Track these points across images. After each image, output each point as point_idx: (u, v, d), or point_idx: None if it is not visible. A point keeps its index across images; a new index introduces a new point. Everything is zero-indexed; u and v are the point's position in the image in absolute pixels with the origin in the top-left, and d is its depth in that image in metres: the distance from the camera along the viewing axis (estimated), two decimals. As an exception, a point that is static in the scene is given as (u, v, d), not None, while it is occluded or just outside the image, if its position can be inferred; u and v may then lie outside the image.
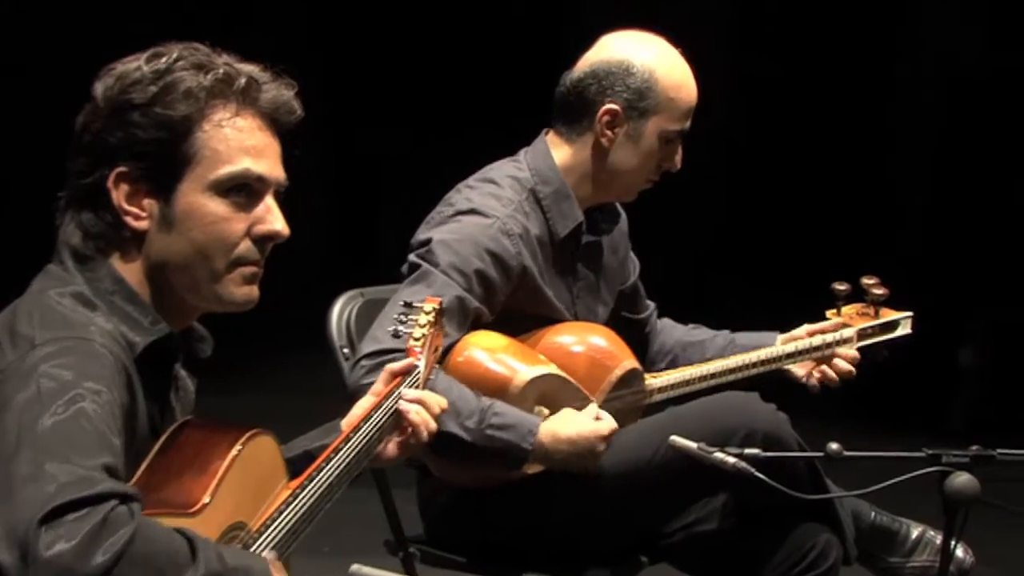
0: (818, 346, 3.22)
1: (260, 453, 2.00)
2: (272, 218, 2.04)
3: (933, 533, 3.13)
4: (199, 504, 1.85)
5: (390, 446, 2.36)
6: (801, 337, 3.23)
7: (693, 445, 2.49)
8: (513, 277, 2.95)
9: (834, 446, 2.44)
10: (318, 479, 2.09)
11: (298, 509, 2.03)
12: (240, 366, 5.98)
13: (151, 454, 1.93)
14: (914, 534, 3.15)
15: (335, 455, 2.15)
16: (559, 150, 3.07)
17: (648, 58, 3.02)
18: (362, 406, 2.34)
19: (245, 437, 1.96)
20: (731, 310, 7.12)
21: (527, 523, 2.92)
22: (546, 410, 2.90)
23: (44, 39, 6.98)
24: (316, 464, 2.11)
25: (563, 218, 3.05)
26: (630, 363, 3.06)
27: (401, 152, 8.27)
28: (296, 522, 2.02)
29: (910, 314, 3.35)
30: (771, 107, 7.85)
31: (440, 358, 2.74)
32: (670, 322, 3.44)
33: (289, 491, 2.04)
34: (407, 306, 2.56)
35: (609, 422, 2.87)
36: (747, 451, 2.44)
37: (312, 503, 2.06)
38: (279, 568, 1.91)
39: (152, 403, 2.00)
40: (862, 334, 3.28)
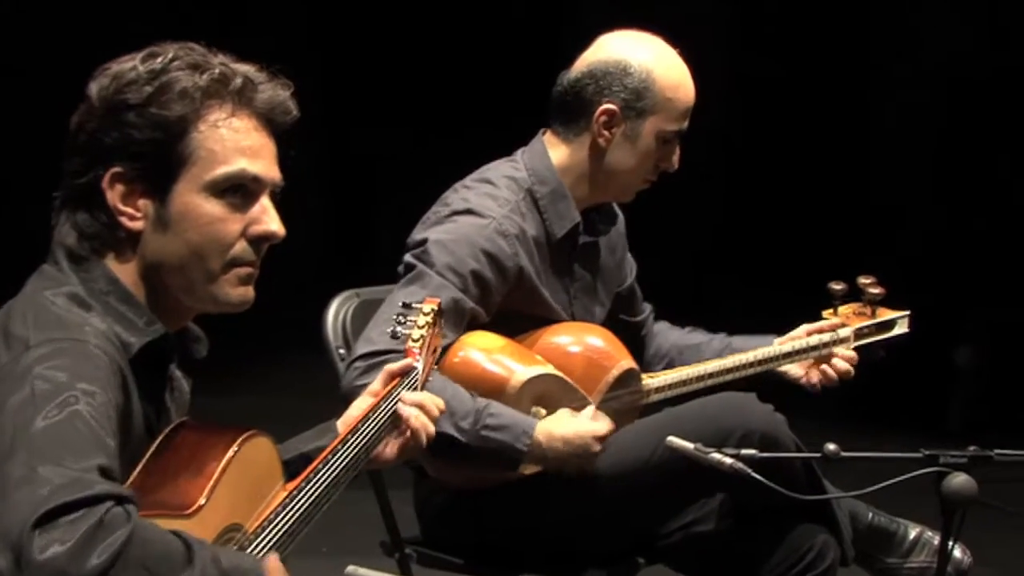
0: (815, 346, 3.22)
1: (257, 454, 1.99)
2: (268, 219, 2.03)
3: (931, 534, 3.12)
4: (195, 506, 1.84)
5: (388, 448, 2.35)
6: (800, 337, 3.23)
7: (690, 446, 2.49)
8: (509, 278, 2.94)
9: (831, 446, 2.44)
10: (315, 481, 2.08)
11: (295, 511, 2.02)
12: (235, 367, 5.97)
13: (147, 455, 1.92)
14: (912, 535, 3.14)
15: (333, 457, 2.14)
16: (556, 150, 3.07)
17: (646, 58, 3.01)
18: (359, 407, 2.33)
19: (242, 438, 1.95)
20: (728, 310, 7.14)
21: (524, 524, 2.91)
22: (543, 410, 2.90)
23: (40, 39, 6.97)
24: (313, 466, 2.10)
25: (560, 218, 3.04)
26: (627, 363, 3.05)
27: (397, 152, 8.26)
28: (293, 524, 2.01)
29: (907, 313, 3.34)
30: (769, 107, 7.84)
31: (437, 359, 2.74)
32: (666, 325, 3.43)
33: (286, 493, 2.03)
34: (405, 307, 2.55)
35: (605, 423, 2.87)
36: (744, 452, 2.43)
37: (309, 505, 2.05)
38: (280, 570, 1.90)
39: (147, 404, 1.99)
40: (859, 334, 3.27)
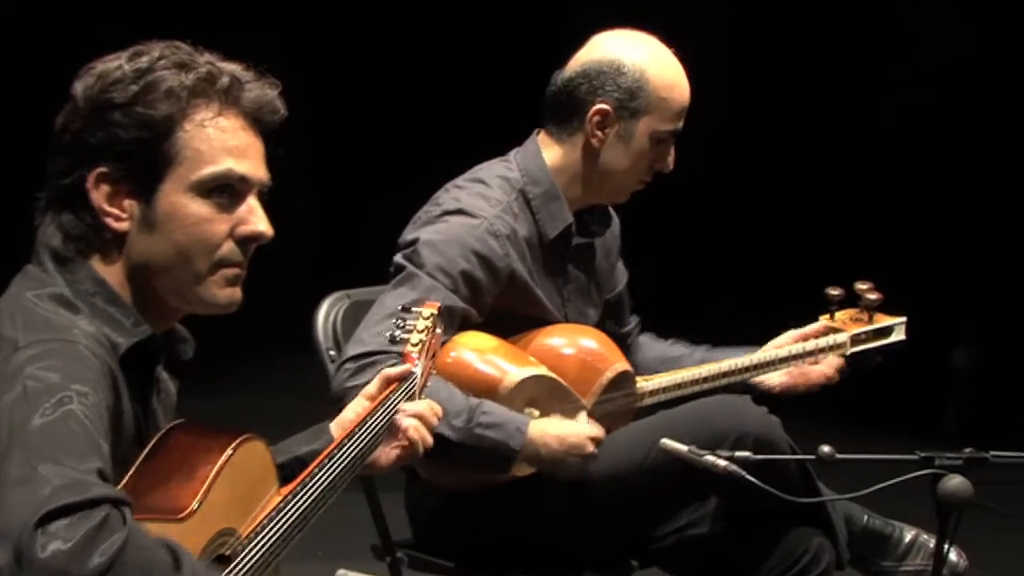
0: (811, 351, 3.19)
1: (251, 459, 1.98)
2: (255, 219, 2.01)
3: (926, 536, 3.12)
4: (187, 510, 1.83)
5: (384, 455, 2.32)
6: (785, 344, 3.19)
7: (684, 448, 2.48)
8: (501, 278, 2.93)
9: (826, 449, 2.43)
10: (310, 486, 2.06)
11: (289, 516, 2.00)
12: (225, 368, 5.96)
13: (139, 458, 1.91)
14: (907, 538, 3.14)
15: (328, 462, 2.12)
16: (550, 150, 3.05)
17: (639, 57, 3.00)
18: (354, 410, 2.31)
19: (236, 443, 1.94)
20: (724, 311, 7.14)
21: (516, 527, 2.90)
22: (536, 412, 2.88)
23: (34, 38, 6.96)
24: (308, 470, 2.08)
25: (552, 219, 3.02)
26: (621, 365, 3.03)
27: (387, 151, 8.26)
28: (287, 529, 1.99)
29: (904, 319, 3.30)
30: (768, 107, 7.83)
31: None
32: (651, 337, 3.40)
33: (280, 498, 2.01)
34: (404, 311, 2.53)
35: (599, 428, 2.85)
36: (738, 454, 2.42)
37: (303, 510, 2.03)
38: None
39: (136, 405, 1.97)
40: (855, 339, 3.23)
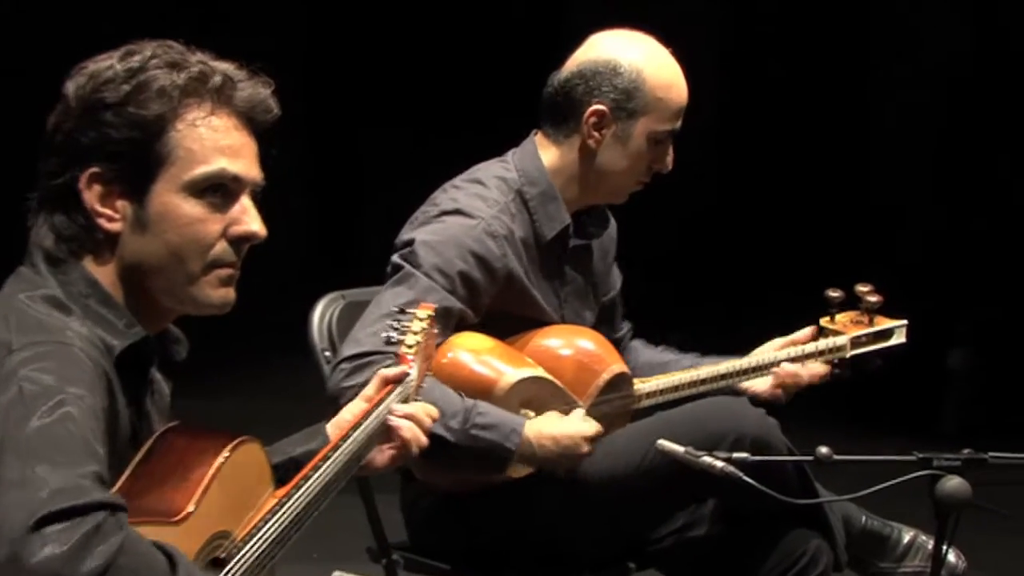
0: (811, 353, 3.17)
1: (246, 461, 1.97)
2: (248, 219, 2.01)
3: (925, 538, 3.11)
4: (183, 513, 1.83)
5: (379, 456, 2.32)
6: (770, 352, 3.17)
7: (681, 449, 2.48)
8: (498, 279, 2.92)
9: (824, 450, 2.43)
10: (306, 487, 2.05)
11: (285, 518, 1.99)
12: (219, 369, 5.94)
13: (135, 461, 1.90)
14: (905, 539, 3.13)
15: (324, 463, 2.11)
16: (547, 151, 3.04)
17: (636, 57, 2.98)
18: (351, 411, 2.30)
19: (232, 445, 1.93)
20: (723, 312, 7.14)
21: (513, 528, 2.89)
22: (531, 413, 2.87)
23: (32, 38, 6.95)
24: (304, 472, 2.08)
25: (549, 220, 3.01)
26: (618, 367, 3.02)
27: (381, 151, 8.25)
28: (282, 531, 1.98)
29: (904, 322, 3.27)
30: (766, 107, 7.82)
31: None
32: (641, 343, 3.38)
33: (276, 500, 2.00)
34: (400, 312, 2.52)
35: (595, 424, 2.84)
36: (735, 455, 2.42)
37: (299, 512, 2.02)
38: None
39: (130, 407, 1.96)
40: (856, 342, 3.22)
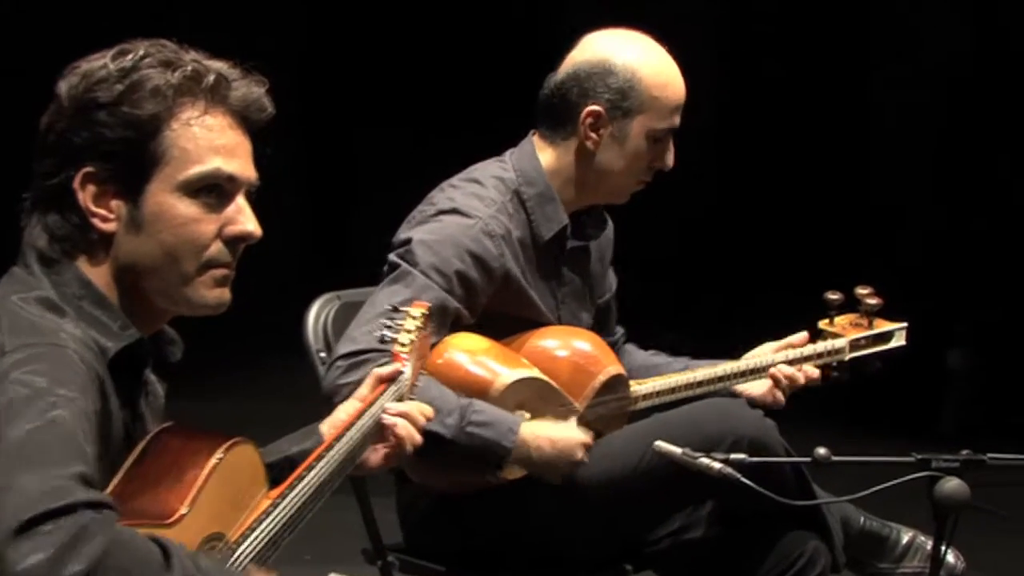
0: (809, 355, 3.16)
1: (240, 462, 1.96)
2: (243, 219, 2.00)
3: (923, 538, 3.11)
4: (176, 515, 1.81)
5: (374, 455, 2.31)
6: (765, 355, 3.16)
7: (678, 450, 2.48)
8: (495, 279, 2.91)
9: (822, 451, 2.42)
10: (300, 488, 2.04)
11: (279, 519, 1.98)
12: (214, 370, 5.94)
13: (128, 463, 1.89)
14: (904, 539, 3.13)
15: (318, 463, 2.10)
16: (545, 152, 3.03)
17: (629, 56, 2.97)
18: (346, 410, 2.30)
19: (225, 446, 1.92)
20: (722, 313, 7.13)
21: (509, 530, 2.88)
22: (527, 414, 2.86)
23: (31, 38, 6.94)
24: (297, 472, 2.06)
25: (547, 220, 3.01)
26: (614, 369, 3.01)
27: (376, 151, 8.24)
28: (276, 532, 1.97)
29: (904, 325, 3.26)
30: (766, 107, 7.81)
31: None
32: (632, 347, 3.38)
33: (269, 500, 1.99)
34: (394, 310, 2.51)
35: (588, 433, 2.84)
36: (733, 457, 2.41)
37: (293, 513, 2.01)
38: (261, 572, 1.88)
39: (124, 409, 1.95)
40: (855, 345, 3.21)
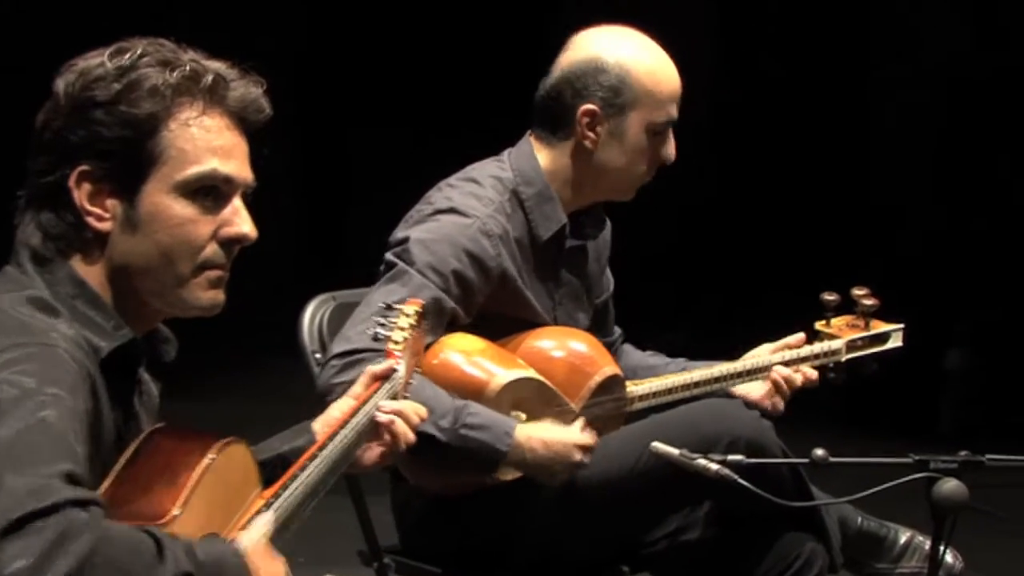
0: (806, 356, 3.16)
1: (233, 462, 1.95)
2: (240, 220, 1.99)
3: (921, 538, 3.11)
4: (168, 515, 1.80)
5: (368, 453, 2.31)
6: (763, 356, 3.15)
7: (675, 451, 2.48)
8: (492, 279, 2.90)
9: (819, 452, 2.42)
10: (293, 487, 2.02)
11: (273, 519, 1.96)
12: (210, 371, 5.92)
13: (120, 463, 1.88)
14: (902, 540, 3.13)
15: (312, 461, 2.08)
16: (543, 153, 3.02)
17: (620, 53, 2.96)
18: (340, 408, 2.29)
19: (218, 446, 1.91)
20: (721, 313, 7.12)
21: (505, 531, 2.87)
22: (522, 415, 2.85)
23: (27, 38, 6.93)
24: (291, 472, 2.05)
25: (546, 220, 3.00)
26: (611, 370, 3.00)
27: (372, 151, 8.23)
28: (271, 532, 1.95)
29: (901, 326, 3.26)
30: (766, 107, 7.81)
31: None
32: (629, 347, 3.37)
33: (263, 500, 1.98)
34: (388, 308, 2.50)
35: (591, 435, 2.83)
36: (730, 458, 2.41)
37: (287, 512, 1.99)
38: (261, 553, 1.86)
39: (116, 409, 1.95)
40: (851, 346, 3.20)
